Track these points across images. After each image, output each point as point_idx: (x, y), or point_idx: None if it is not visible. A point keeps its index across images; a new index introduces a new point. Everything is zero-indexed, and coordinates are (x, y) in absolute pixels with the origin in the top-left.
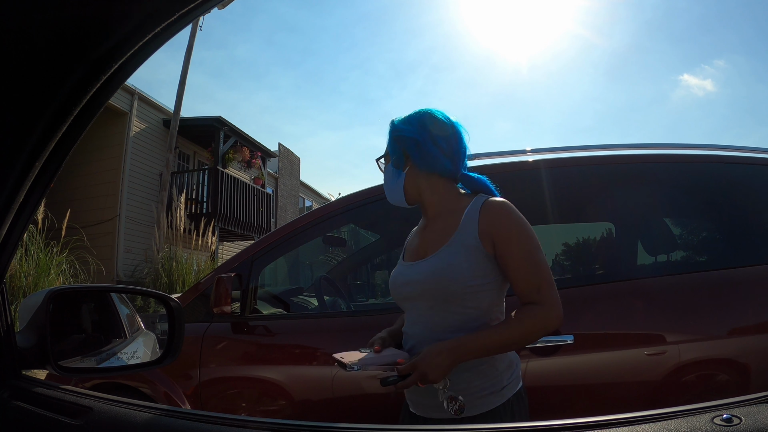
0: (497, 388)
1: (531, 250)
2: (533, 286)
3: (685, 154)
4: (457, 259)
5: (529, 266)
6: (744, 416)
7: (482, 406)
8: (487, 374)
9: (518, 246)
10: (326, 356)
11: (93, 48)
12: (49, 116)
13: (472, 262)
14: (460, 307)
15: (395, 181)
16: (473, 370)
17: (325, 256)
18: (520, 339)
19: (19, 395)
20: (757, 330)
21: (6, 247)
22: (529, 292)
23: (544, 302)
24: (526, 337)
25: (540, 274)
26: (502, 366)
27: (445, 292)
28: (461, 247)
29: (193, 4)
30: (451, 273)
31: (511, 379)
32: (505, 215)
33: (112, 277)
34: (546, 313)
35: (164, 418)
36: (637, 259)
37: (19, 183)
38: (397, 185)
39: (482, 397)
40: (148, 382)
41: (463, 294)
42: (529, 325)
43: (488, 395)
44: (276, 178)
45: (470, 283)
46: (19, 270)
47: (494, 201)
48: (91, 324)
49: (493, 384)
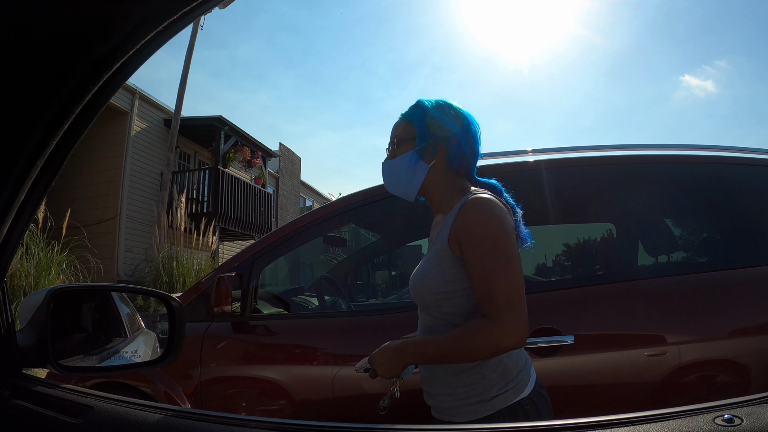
0: (485, 397)
1: (490, 255)
2: (485, 296)
3: (686, 155)
4: (428, 265)
5: (484, 273)
6: (745, 416)
7: (467, 414)
8: (474, 382)
9: (477, 249)
10: (327, 356)
11: (94, 47)
12: (50, 115)
13: (442, 267)
14: (438, 312)
15: (411, 170)
16: (458, 375)
17: (326, 256)
18: (464, 353)
19: (20, 394)
20: (758, 331)
21: (7, 247)
22: (481, 302)
23: (494, 317)
24: (471, 352)
25: (494, 285)
26: (492, 375)
27: (421, 300)
28: (433, 253)
29: (195, 3)
30: (423, 280)
31: (503, 390)
32: (474, 214)
33: (112, 277)
34: (493, 329)
35: (165, 418)
36: (638, 259)
37: (20, 182)
38: (414, 175)
39: (469, 405)
40: (148, 382)
41: (435, 301)
42: (471, 339)
43: (475, 403)
44: (277, 177)
45: (441, 290)
46: (20, 269)
47: (471, 199)
48: (92, 323)
49: (480, 393)
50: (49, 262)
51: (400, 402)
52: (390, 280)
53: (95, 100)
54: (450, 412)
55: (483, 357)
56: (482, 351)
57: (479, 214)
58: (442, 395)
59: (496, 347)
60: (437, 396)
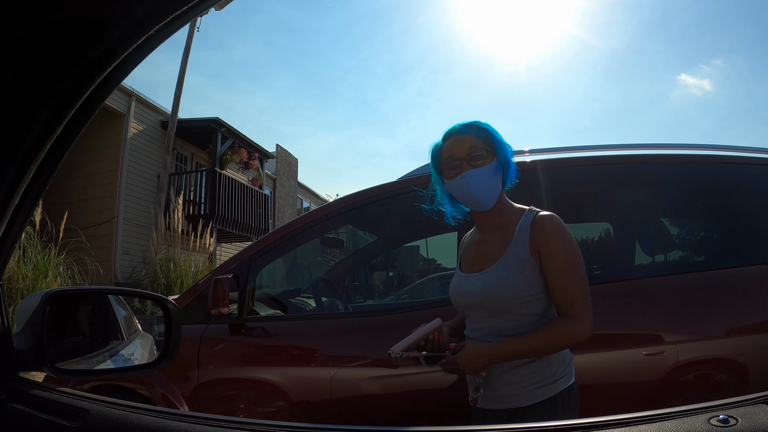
0: (549, 381)
1: (570, 264)
2: (567, 299)
3: (683, 154)
4: (510, 273)
5: (566, 280)
6: (741, 417)
7: (534, 397)
8: (541, 370)
9: (558, 259)
10: (324, 357)
11: (88, 50)
12: (44, 118)
13: (525, 274)
14: (516, 315)
15: (495, 181)
16: (528, 366)
17: (323, 258)
18: (548, 347)
19: (16, 397)
20: (755, 330)
21: (3, 249)
22: (563, 304)
23: (576, 315)
24: (554, 346)
25: (575, 289)
26: (555, 362)
27: (501, 304)
28: (514, 262)
29: (188, 5)
30: (506, 287)
31: (563, 374)
32: (552, 229)
33: (109, 279)
34: (575, 326)
35: (162, 420)
36: (635, 259)
37: (15, 185)
38: (497, 185)
39: (534, 389)
40: (145, 384)
41: (517, 304)
42: (558, 335)
43: (540, 387)
44: (274, 179)
45: (524, 294)
46: (17, 272)
47: (544, 215)
48: (89, 326)
49: (546, 377)
50: (46, 265)
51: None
52: (387, 281)
53: (89, 102)
54: (515, 398)
55: (563, 349)
56: (565, 344)
57: (558, 229)
58: (509, 384)
59: (576, 340)
60: (503, 386)
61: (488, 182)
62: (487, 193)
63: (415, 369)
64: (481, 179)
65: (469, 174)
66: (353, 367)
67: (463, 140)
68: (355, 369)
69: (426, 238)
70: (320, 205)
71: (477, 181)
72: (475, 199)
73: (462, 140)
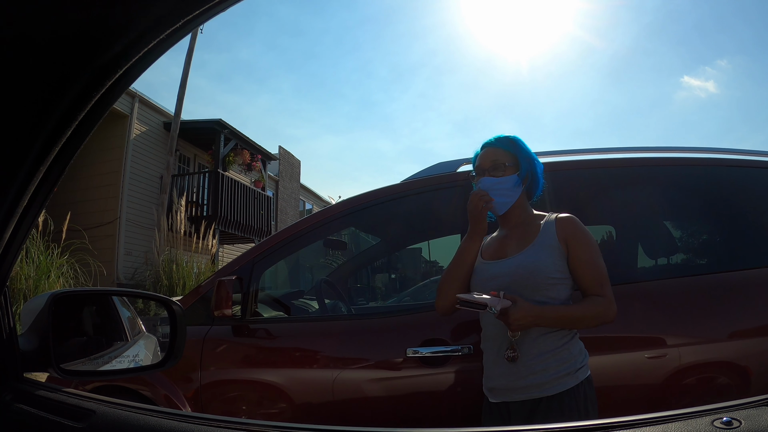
0: (572, 369)
1: (596, 254)
2: (597, 282)
3: (686, 157)
4: (541, 255)
5: (595, 267)
6: (744, 419)
7: (559, 386)
8: (564, 358)
9: (587, 250)
10: (327, 359)
11: (99, 54)
12: (53, 122)
13: (554, 258)
14: (542, 296)
15: (512, 191)
16: (551, 353)
17: (326, 260)
18: (587, 319)
19: (22, 398)
20: (758, 333)
21: (9, 252)
22: (594, 287)
23: (606, 296)
24: (592, 319)
25: (603, 275)
26: (575, 350)
27: (532, 282)
28: (545, 246)
29: (199, 10)
30: (538, 266)
31: (583, 363)
32: (577, 224)
33: (112, 280)
34: (608, 305)
35: (167, 421)
36: (638, 262)
37: (23, 188)
38: (513, 194)
39: (559, 378)
40: (148, 385)
41: (546, 284)
42: (597, 309)
43: (564, 376)
44: (276, 181)
45: (552, 275)
46: (20, 272)
47: (566, 215)
48: (93, 327)
49: (568, 366)
50: (49, 266)
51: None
52: (390, 283)
53: (98, 106)
54: (540, 387)
55: (595, 324)
56: (599, 319)
57: (581, 226)
58: (534, 373)
59: (608, 319)
60: (528, 375)
61: (501, 191)
62: (500, 201)
63: (418, 371)
64: (496, 187)
65: (482, 181)
66: (356, 369)
67: (490, 152)
68: (358, 371)
69: (428, 241)
70: (323, 207)
71: (489, 188)
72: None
73: (490, 152)
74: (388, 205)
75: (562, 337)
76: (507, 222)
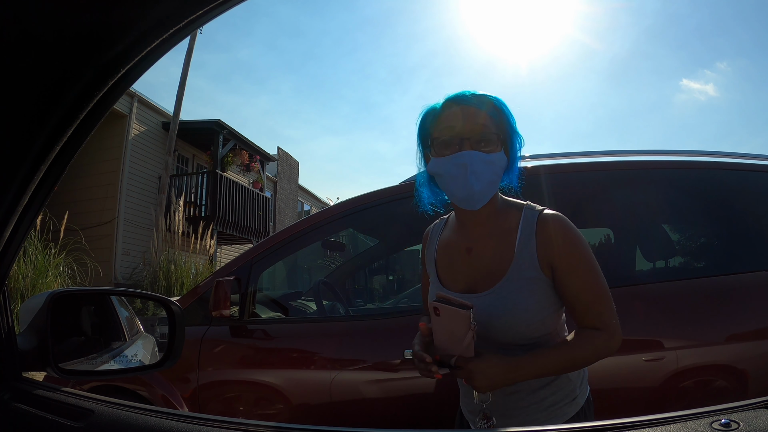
0: (571, 397)
1: (590, 275)
2: (595, 312)
3: (684, 160)
4: (521, 296)
5: (591, 292)
6: (742, 421)
7: (558, 417)
8: (562, 387)
9: (577, 272)
10: (325, 360)
11: (100, 54)
12: (54, 121)
13: (538, 295)
14: (527, 339)
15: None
16: (547, 387)
17: (324, 261)
18: (580, 364)
19: (21, 397)
20: (755, 336)
21: (8, 251)
22: (589, 317)
23: (606, 329)
24: (586, 362)
25: (602, 301)
26: (574, 376)
27: (512, 332)
28: (523, 281)
29: (201, 11)
30: (516, 314)
31: (582, 386)
32: (564, 236)
33: (110, 280)
34: (608, 340)
35: (165, 421)
36: (636, 265)
37: (23, 187)
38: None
39: (558, 408)
40: (146, 385)
41: (529, 330)
42: (591, 351)
43: (563, 406)
44: (275, 181)
45: (536, 319)
46: (18, 271)
47: (548, 218)
48: (91, 326)
49: (568, 394)
50: (47, 265)
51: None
52: (388, 285)
53: (99, 106)
54: (537, 423)
55: (592, 363)
56: (596, 359)
57: (570, 235)
58: (528, 408)
59: (608, 354)
60: (522, 410)
61: (491, 174)
62: (485, 188)
63: (415, 373)
64: (484, 167)
65: (471, 155)
66: (353, 370)
67: (473, 114)
68: (355, 372)
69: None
70: (321, 209)
71: (479, 168)
72: (469, 190)
73: (471, 114)
74: (387, 207)
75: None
76: (470, 224)
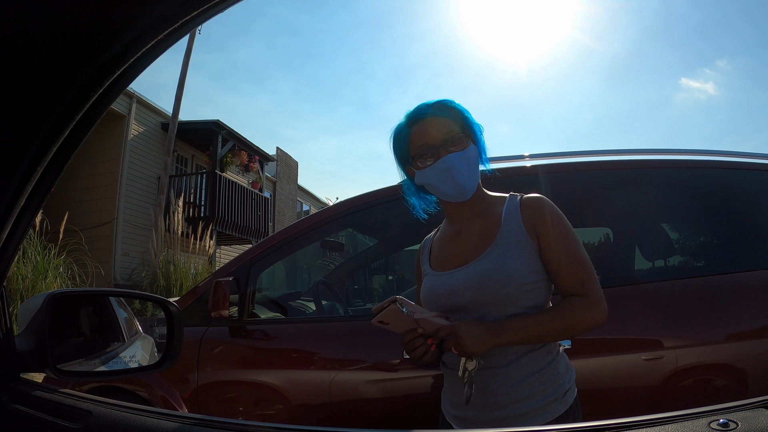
0: (559, 393)
1: (573, 243)
2: (576, 279)
3: (684, 159)
4: (510, 257)
5: (571, 259)
6: (741, 421)
7: (546, 415)
8: (550, 379)
9: (561, 239)
10: (324, 361)
11: (97, 53)
12: (52, 121)
13: (526, 257)
14: (518, 308)
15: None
16: (536, 375)
17: (323, 261)
18: (566, 329)
19: (19, 398)
20: (755, 335)
21: (6, 252)
22: (572, 285)
23: (589, 295)
24: (570, 328)
25: (583, 268)
26: (562, 367)
27: (503, 294)
28: (511, 243)
29: (198, 10)
30: (507, 273)
31: (570, 383)
32: (546, 209)
33: (109, 280)
34: (589, 307)
35: (164, 422)
36: (635, 264)
37: (21, 188)
38: (477, 170)
39: (546, 404)
40: (145, 386)
41: (521, 294)
42: (577, 315)
43: (552, 402)
44: (274, 182)
45: (527, 281)
46: (17, 272)
47: (532, 196)
48: (90, 327)
49: (556, 389)
50: (46, 266)
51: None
52: (387, 285)
53: (97, 105)
54: (524, 418)
55: (580, 333)
56: (582, 327)
57: (553, 208)
58: (518, 401)
59: (593, 323)
60: (511, 404)
61: (471, 167)
62: (471, 179)
63: (415, 373)
64: (464, 164)
65: (450, 159)
66: (353, 370)
67: (435, 124)
68: (355, 372)
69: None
70: (320, 209)
71: (460, 166)
72: (459, 186)
73: (434, 124)
74: (386, 207)
75: (546, 354)
76: (459, 213)
